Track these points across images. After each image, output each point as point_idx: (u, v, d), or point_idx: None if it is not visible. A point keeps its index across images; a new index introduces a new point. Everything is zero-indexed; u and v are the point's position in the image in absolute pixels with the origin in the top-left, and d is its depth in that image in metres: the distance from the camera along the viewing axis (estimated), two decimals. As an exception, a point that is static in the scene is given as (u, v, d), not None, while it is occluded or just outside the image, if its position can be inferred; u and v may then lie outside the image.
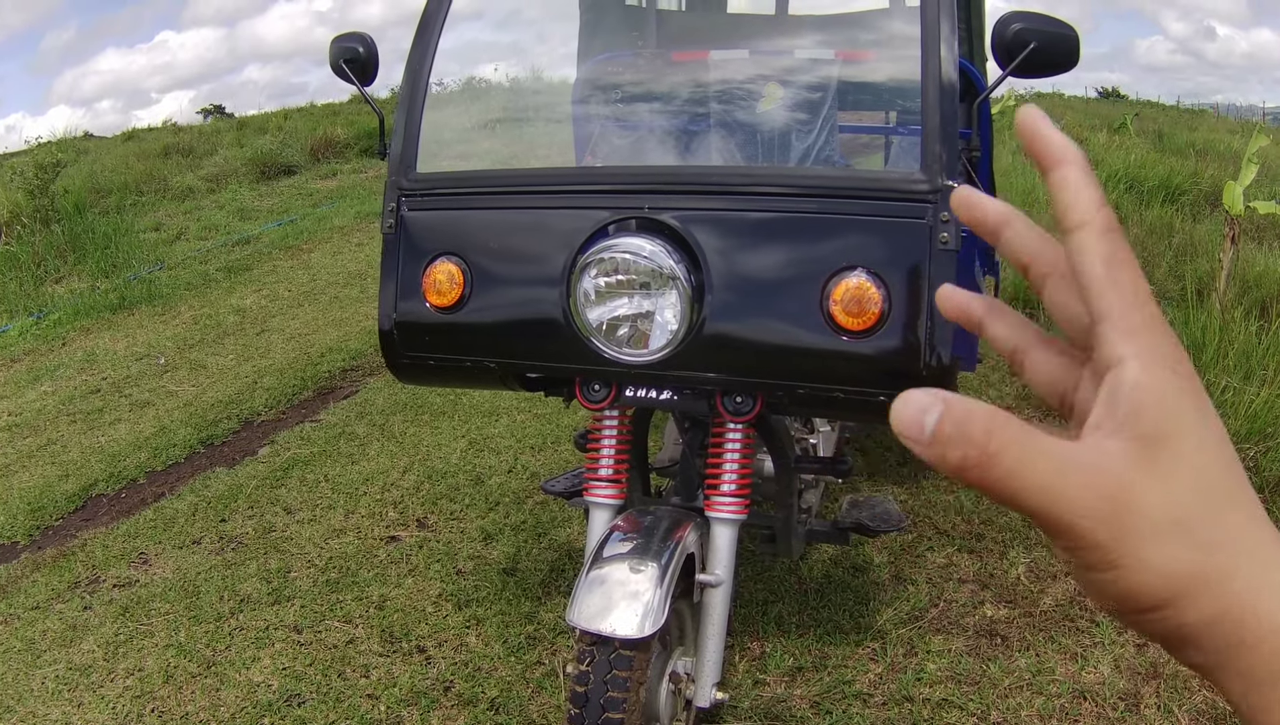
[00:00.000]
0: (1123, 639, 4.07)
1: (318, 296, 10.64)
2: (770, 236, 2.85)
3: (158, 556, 5.30)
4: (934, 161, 2.70)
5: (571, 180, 3.24)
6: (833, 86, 3.86)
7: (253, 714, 3.93)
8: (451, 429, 6.65)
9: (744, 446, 3.23)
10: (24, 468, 6.83)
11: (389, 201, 3.27)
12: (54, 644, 4.56)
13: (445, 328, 3.18)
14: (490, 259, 3.14)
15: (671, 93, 4.07)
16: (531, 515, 5.30)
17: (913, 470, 5.59)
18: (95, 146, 23.05)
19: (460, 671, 4.07)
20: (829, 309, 2.74)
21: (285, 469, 6.23)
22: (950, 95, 2.74)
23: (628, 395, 3.21)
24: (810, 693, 3.84)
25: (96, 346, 9.57)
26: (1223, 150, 17.39)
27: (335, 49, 3.43)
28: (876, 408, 2.85)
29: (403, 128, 3.30)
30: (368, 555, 5.05)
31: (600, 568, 2.90)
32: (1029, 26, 2.77)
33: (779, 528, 3.70)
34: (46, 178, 12.51)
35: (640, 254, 2.81)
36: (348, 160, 19.98)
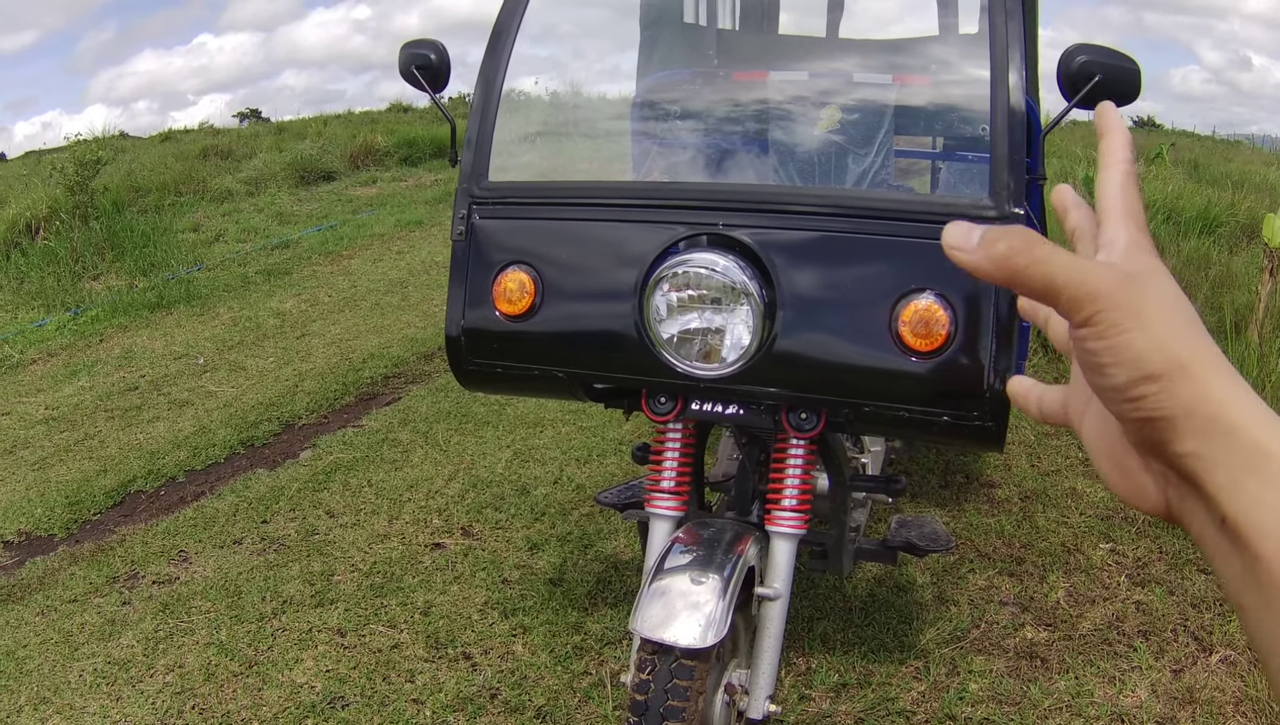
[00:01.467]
0: (1160, 664, 4.08)
1: (358, 303, 10.65)
2: (840, 257, 2.88)
3: (198, 555, 5.33)
4: (1002, 189, 2.72)
5: (643, 194, 3.26)
6: (890, 111, 3.88)
7: (295, 714, 3.96)
8: (496, 438, 6.66)
9: (805, 463, 3.24)
10: (61, 461, 6.86)
11: (459, 209, 3.28)
12: (92, 637, 4.59)
13: (514, 336, 3.20)
14: (561, 269, 3.17)
15: (731, 112, 4.09)
16: (578, 527, 5.32)
17: (955, 493, 5.60)
18: (132, 146, 23.04)
19: (507, 679, 4.09)
20: (898, 329, 2.76)
21: (327, 473, 6.25)
22: (1019, 123, 2.76)
23: (694, 408, 3.23)
24: (854, 709, 3.86)
25: (134, 344, 9.60)
26: (1259, 182, 17.28)
27: (406, 55, 3.45)
28: (940, 427, 2.87)
29: (475, 136, 3.31)
30: (412, 561, 5.07)
31: (663, 578, 2.91)
32: (1094, 59, 2.79)
33: (831, 545, 3.71)
34: (87, 174, 12.53)
35: (714, 269, 2.84)
36: (387, 168, 19.96)
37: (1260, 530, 0.63)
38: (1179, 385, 0.65)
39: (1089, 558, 4.89)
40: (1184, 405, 0.65)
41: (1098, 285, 0.66)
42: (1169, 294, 0.69)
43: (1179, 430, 0.66)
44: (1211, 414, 0.65)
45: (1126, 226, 0.74)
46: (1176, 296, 0.69)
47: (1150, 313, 0.66)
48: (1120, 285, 0.66)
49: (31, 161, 21.11)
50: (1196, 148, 25.99)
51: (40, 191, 12.98)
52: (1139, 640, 4.24)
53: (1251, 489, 0.63)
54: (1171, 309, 0.68)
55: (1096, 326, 0.66)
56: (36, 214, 12.53)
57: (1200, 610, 4.45)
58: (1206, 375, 0.65)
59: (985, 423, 2.79)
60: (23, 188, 14.68)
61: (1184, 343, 0.66)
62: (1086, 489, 5.64)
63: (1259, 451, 0.63)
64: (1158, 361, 0.65)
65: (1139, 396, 0.66)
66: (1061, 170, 14.97)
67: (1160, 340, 0.65)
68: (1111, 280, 0.66)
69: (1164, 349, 0.65)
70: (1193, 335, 0.67)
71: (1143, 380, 0.65)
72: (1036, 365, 7.80)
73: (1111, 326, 0.66)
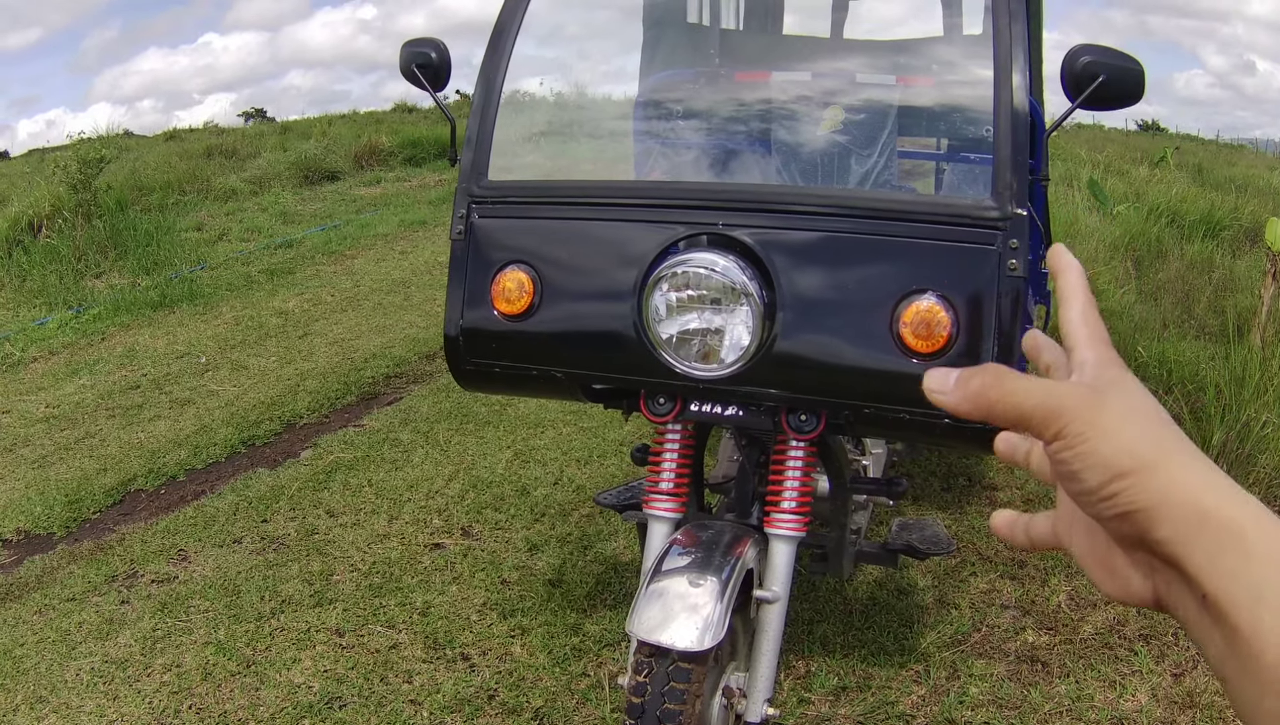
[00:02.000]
0: (1160, 669, 4.08)
1: (361, 302, 10.65)
2: (841, 257, 2.86)
3: (197, 554, 5.32)
4: (1005, 190, 2.71)
5: (644, 194, 3.24)
6: (894, 111, 3.87)
7: (293, 715, 3.95)
8: (497, 439, 6.65)
9: (805, 465, 3.23)
10: (61, 460, 6.85)
11: (459, 208, 3.27)
12: (90, 636, 4.58)
13: (513, 336, 3.18)
14: (561, 268, 3.15)
15: (735, 112, 4.08)
16: (577, 528, 5.31)
17: (957, 496, 5.59)
18: (136, 144, 23.08)
19: (505, 680, 4.08)
20: (899, 331, 2.75)
21: (328, 472, 6.24)
22: (1022, 124, 2.75)
23: (693, 410, 3.21)
24: (854, 713, 3.85)
25: (136, 343, 9.60)
26: (1262, 186, 17.31)
27: (406, 54, 3.44)
28: (941, 430, 2.86)
29: (475, 135, 3.30)
30: (411, 561, 5.06)
31: (661, 580, 2.90)
32: (1098, 60, 2.78)
33: (831, 547, 3.70)
34: (90, 172, 12.52)
35: (714, 269, 2.83)
36: (391, 168, 19.99)
37: (1237, 603, 0.67)
38: (1149, 478, 0.70)
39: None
40: (1156, 495, 0.70)
41: (1062, 402, 0.73)
42: (1135, 398, 0.76)
43: (1154, 519, 0.70)
44: (1184, 500, 0.69)
45: (1094, 347, 0.82)
46: (1143, 400, 0.76)
47: (1116, 418, 0.73)
48: (1084, 398, 0.74)
49: (35, 159, 21.11)
50: (1200, 152, 26.01)
51: (43, 189, 12.96)
52: (1140, 644, 4.23)
53: (1227, 565, 0.68)
54: (1138, 412, 0.74)
55: (1065, 438, 0.73)
56: (39, 212, 12.52)
57: (1202, 615, 4.43)
58: (1175, 466, 0.71)
59: (986, 425, 2.76)
60: (26, 186, 14.70)
61: (1151, 441, 0.72)
62: (1089, 493, 5.62)
63: (1232, 530, 0.68)
64: (1126, 460, 0.71)
65: (1112, 493, 0.71)
66: (1066, 173, 14.99)
67: (1127, 441, 0.71)
68: (1076, 395, 0.74)
69: (1131, 448, 0.71)
70: (1160, 433, 0.73)
71: (1114, 478, 0.71)
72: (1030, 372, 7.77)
73: (1078, 436, 0.72)
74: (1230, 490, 0.70)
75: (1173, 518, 0.69)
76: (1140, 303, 8.96)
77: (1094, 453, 0.71)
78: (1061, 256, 0.89)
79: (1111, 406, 0.74)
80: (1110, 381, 0.78)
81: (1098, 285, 8.79)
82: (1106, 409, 0.73)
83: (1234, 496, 0.70)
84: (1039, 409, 0.74)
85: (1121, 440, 0.71)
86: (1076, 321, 0.84)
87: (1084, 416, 0.72)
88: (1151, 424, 0.73)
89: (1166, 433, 0.73)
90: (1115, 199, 13.41)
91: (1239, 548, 0.67)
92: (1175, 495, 0.69)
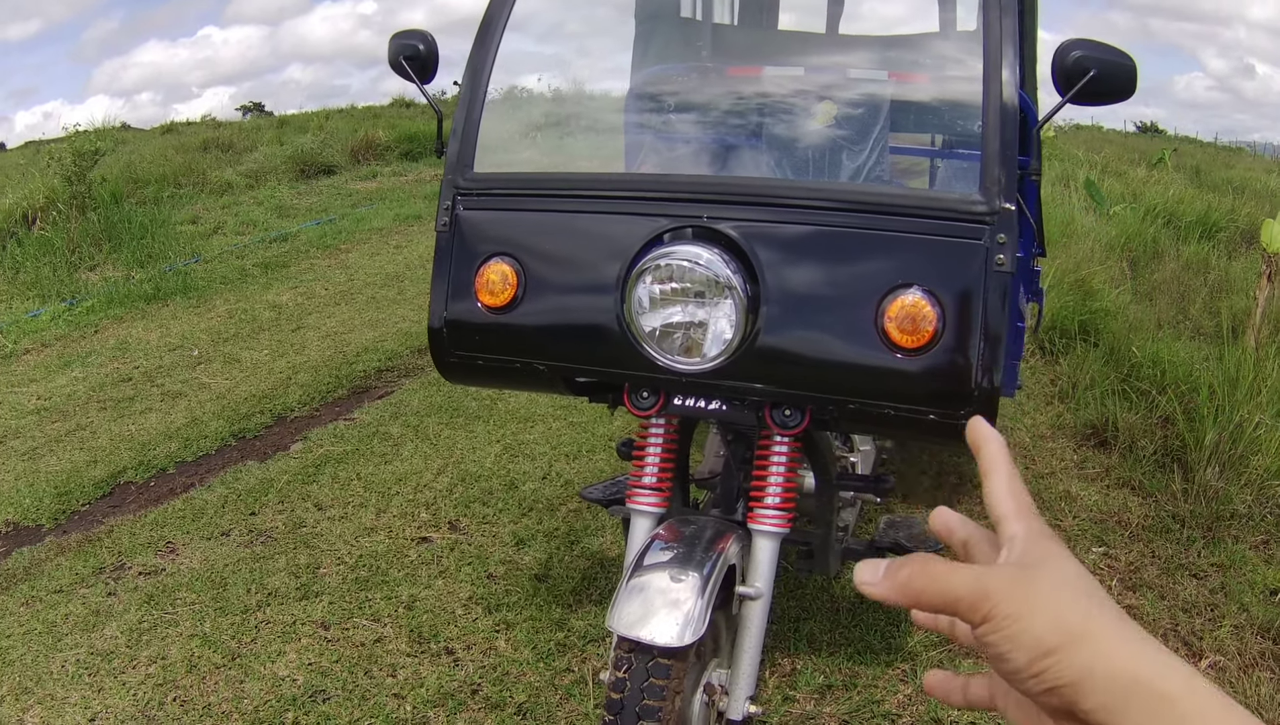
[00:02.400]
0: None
1: (354, 296, 10.65)
2: (827, 251, 2.84)
3: (185, 546, 5.30)
4: (993, 184, 2.69)
5: (629, 186, 3.22)
6: (886, 107, 3.85)
7: (276, 707, 3.93)
8: (486, 433, 6.64)
9: (789, 460, 3.21)
10: (52, 452, 6.83)
11: (444, 200, 3.26)
12: (76, 628, 4.56)
13: (496, 328, 3.17)
14: (544, 261, 3.14)
15: (726, 107, 4.06)
16: (565, 523, 5.29)
17: (947, 494, 5.58)
18: (133, 137, 23.12)
19: (488, 675, 4.07)
20: (884, 326, 2.73)
21: (317, 466, 6.23)
22: (1011, 120, 2.73)
23: (676, 404, 3.20)
24: (840, 711, 3.83)
25: (129, 335, 9.59)
26: (1259, 188, 17.33)
27: (395, 46, 3.42)
28: (926, 426, 2.84)
29: (461, 127, 3.29)
30: (398, 555, 5.05)
31: (641, 575, 2.88)
32: (1089, 54, 2.75)
33: (817, 544, 3.68)
34: (85, 165, 12.52)
35: (697, 262, 2.81)
36: (388, 163, 20.01)
37: None
38: (1075, 653, 0.72)
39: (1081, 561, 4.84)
40: (1083, 669, 0.72)
41: (988, 586, 0.76)
42: (1064, 573, 0.78)
43: (1082, 691, 0.73)
44: (1112, 671, 0.72)
45: (1022, 520, 0.83)
46: (1074, 573, 0.78)
47: (1042, 597, 0.75)
48: (1010, 581, 0.76)
49: (30, 152, 21.15)
50: (1199, 154, 26.06)
51: (38, 182, 12.97)
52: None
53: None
54: (1066, 587, 0.77)
55: (992, 621, 0.75)
56: (34, 204, 12.52)
57: (1191, 615, 4.43)
58: (1102, 638, 0.73)
59: None
60: (20, 178, 14.68)
61: (1077, 615, 0.74)
62: (1081, 492, 5.62)
63: (1163, 695, 0.71)
64: (1053, 637, 0.73)
65: (1040, 670, 0.74)
66: (1064, 173, 15.01)
67: (1054, 618, 0.74)
68: (1001, 579, 0.77)
69: (1058, 625, 0.73)
70: (1086, 606, 0.75)
71: (1041, 656, 0.73)
72: (1034, 367, 7.79)
73: (1005, 618, 0.75)
74: (1160, 656, 0.73)
75: (1100, 689, 0.72)
76: (1135, 303, 8.96)
77: (1024, 632, 0.74)
78: (980, 429, 0.91)
79: (1038, 586, 0.76)
80: (1039, 558, 0.80)
81: (1093, 285, 8.78)
82: (1033, 588, 0.76)
83: (1164, 662, 0.72)
84: (967, 595, 0.76)
85: (1048, 618, 0.74)
86: (1002, 494, 0.86)
87: (1013, 596, 0.75)
88: (1079, 598, 0.76)
89: (1093, 605, 0.75)
90: (1112, 199, 13.42)
91: (1171, 713, 0.70)
92: (1102, 666, 0.72)
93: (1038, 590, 0.75)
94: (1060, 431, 6.55)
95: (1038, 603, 0.74)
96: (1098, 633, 0.73)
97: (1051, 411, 6.90)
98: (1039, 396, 7.19)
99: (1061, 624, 0.73)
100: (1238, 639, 4.24)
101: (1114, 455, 6.07)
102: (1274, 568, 4.78)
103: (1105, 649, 0.72)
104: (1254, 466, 5.41)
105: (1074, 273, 9.04)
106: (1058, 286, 8.63)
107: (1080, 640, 0.72)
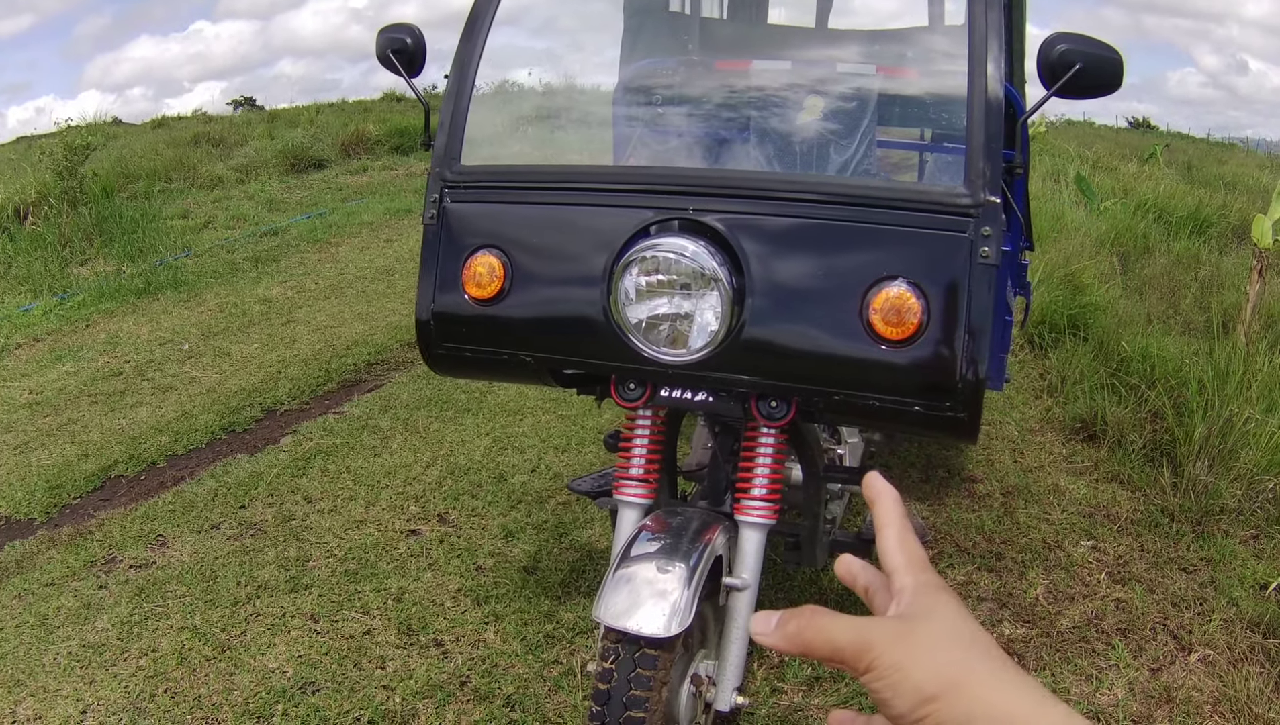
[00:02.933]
0: (1138, 663, 4.08)
1: (344, 290, 10.66)
2: (812, 243, 2.85)
3: (175, 539, 5.30)
4: (978, 177, 2.70)
5: (615, 179, 3.23)
6: (873, 101, 3.86)
7: (266, 699, 3.93)
8: (476, 426, 6.65)
9: (776, 452, 3.22)
10: (43, 446, 6.83)
11: (431, 192, 3.27)
12: (67, 621, 4.57)
13: (483, 320, 3.18)
14: (531, 253, 3.15)
15: (714, 101, 4.07)
16: (554, 515, 5.30)
17: (935, 487, 5.59)
18: (124, 132, 23.05)
19: (477, 667, 4.07)
20: (869, 317, 2.74)
21: (307, 459, 6.24)
22: (995, 113, 2.73)
23: (663, 395, 3.21)
24: (827, 703, 3.84)
25: (120, 330, 9.58)
26: (1251, 184, 17.33)
27: (383, 39, 3.43)
28: (911, 417, 2.85)
29: (449, 120, 3.30)
30: (387, 548, 5.05)
31: (628, 566, 2.89)
32: (1074, 48, 2.76)
33: (804, 536, 3.69)
34: (76, 160, 12.51)
35: (683, 254, 2.82)
36: (378, 157, 20.00)
37: None
38: (955, 701, 0.77)
39: (1069, 555, 4.88)
40: (964, 715, 0.77)
41: (870, 637, 0.82)
42: (947, 624, 0.83)
43: None
44: (991, 715, 0.76)
45: (912, 572, 0.89)
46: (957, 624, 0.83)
47: (923, 647, 0.80)
48: (893, 632, 0.82)
49: (22, 147, 21.11)
50: (1191, 150, 26.08)
51: (29, 176, 12.97)
52: (1117, 638, 4.23)
53: None
54: (947, 637, 0.82)
55: (875, 670, 0.80)
56: (25, 199, 12.52)
57: (1180, 609, 4.44)
58: (982, 683, 0.78)
59: (958, 414, 2.76)
60: (12, 173, 14.68)
61: (958, 663, 0.79)
62: (1069, 486, 5.63)
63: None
64: (933, 685, 0.78)
65: (922, 717, 0.78)
66: (1054, 168, 15.01)
67: (933, 668, 0.79)
68: (884, 630, 0.82)
69: (938, 674, 0.78)
70: (966, 656, 0.80)
71: (922, 704, 0.78)
72: (1022, 361, 7.80)
73: (888, 668, 0.80)
74: (1039, 696, 0.77)
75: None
76: (1125, 297, 8.97)
77: (905, 680, 0.79)
78: (875, 484, 0.96)
79: (919, 636, 0.81)
80: (925, 609, 0.85)
81: (1083, 280, 8.79)
82: (914, 639, 0.81)
83: (1043, 702, 0.77)
84: (849, 646, 0.82)
85: (928, 667, 0.79)
86: (893, 548, 0.91)
87: (895, 646, 0.81)
88: (959, 647, 0.81)
89: (974, 654, 0.80)
90: (1103, 194, 13.43)
91: None
92: (981, 711, 0.76)
93: (919, 641, 0.81)
94: (1049, 425, 6.57)
95: (919, 653, 0.80)
96: (976, 680, 0.78)
97: (1040, 405, 6.92)
98: (1028, 390, 7.21)
99: (941, 673, 0.78)
100: (1227, 633, 4.25)
101: (1103, 449, 6.09)
102: (1263, 562, 4.79)
103: (983, 694, 0.77)
104: (1243, 461, 5.42)
105: (1064, 267, 9.05)
106: (1047, 281, 8.65)
107: (959, 688, 0.77)
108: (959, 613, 0.85)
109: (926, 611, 0.84)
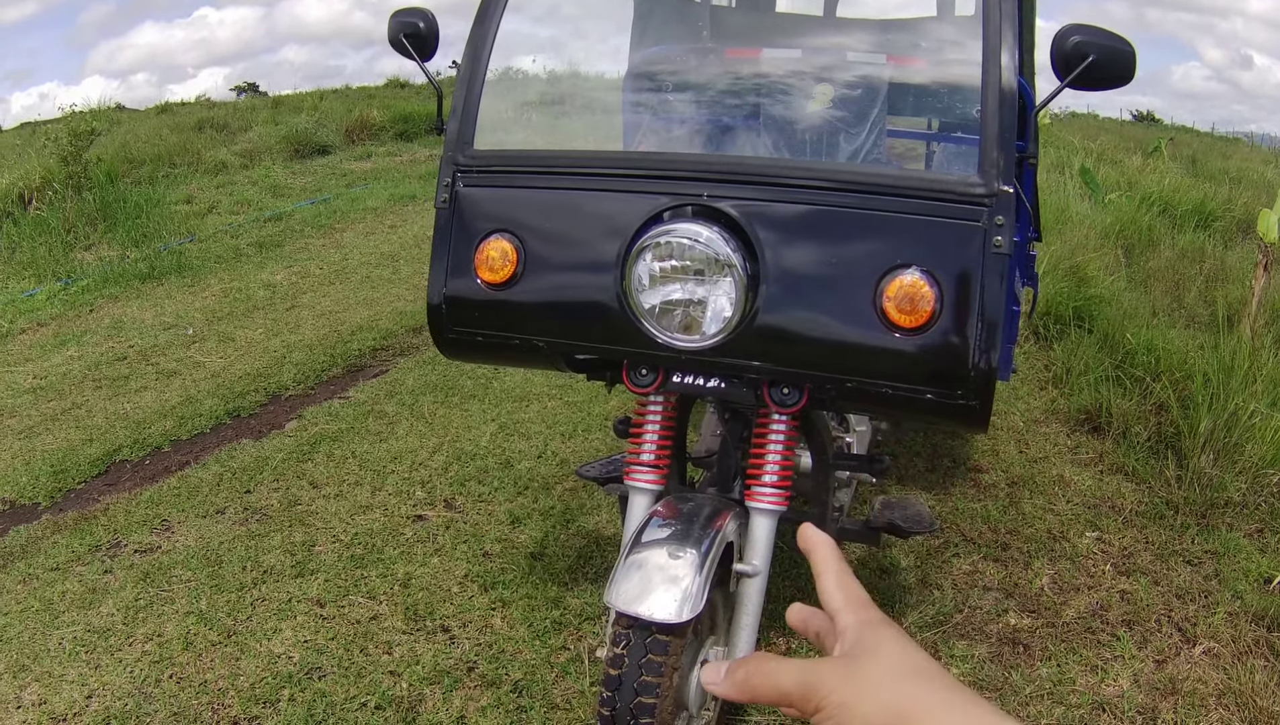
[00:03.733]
0: (1143, 654, 4.08)
1: (349, 276, 10.66)
2: (826, 231, 2.85)
3: (180, 524, 5.30)
4: (991, 166, 2.70)
5: (629, 164, 3.22)
6: (883, 90, 3.86)
7: (272, 684, 3.93)
8: (482, 412, 6.65)
9: (787, 438, 3.22)
10: (48, 430, 6.83)
11: (444, 176, 3.26)
12: (73, 605, 4.57)
13: (496, 304, 3.17)
14: (544, 238, 3.14)
15: (724, 88, 4.06)
16: (560, 501, 5.30)
17: (941, 477, 5.59)
18: (128, 118, 23.04)
19: (484, 653, 4.08)
20: (882, 305, 2.74)
21: (312, 444, 6.24)
22: (1010, 103, 2.73)
23: (675, 381, 3.20)
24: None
25: (124, 315, 9.58)
26: (1256, 179, 17.31)
27: (395, 23, 3.42)
28: (922, 405, 2.85)
29: (461, 105, 3.29)
30: (393, 533, 5.05)
31: (640, 552, 2.89)
32: (1088, 40, 2.76)
33: (813, 523, 3.69)
34: (80, 145, 12.52)
35: (697, 240, 2.81)
36: (383, 143, 20.01)
37: None
38: None
39: (1074, 545, 4.88)
40: None
41: (816, 678, 0.85)
42: (890, 658, 0.86)
43: None
44: None
45: (853, 611, 0.92)
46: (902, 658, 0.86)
47: (869, 683, 0.83)
48: (837, 671, 0.85)
49: (26, 132, 21.09)
50: (1195, 143, 26.06)
51: (34, 162, 12.98)
52: (1122, 629, 4.23)
53: None
54: (892, 671, 0.84)
55: (824, 710, 0.84)
56: (30, 184, 12.52)
57: (1185, 601, 4.44)
58: (929, 712, 0.80)
59: (970, 402, 2.76)
60: (16, 158, 14.68)
61: (906, 695, 0.82)
62: (1074, 477, 5.63)
63: None
64: (881, 718, 0.81)
65: None
66: (1059, 160, 14.99)
67: (880, 702, 0.81)
68: (829, 670, 0.86)
69: (886, 706, 0.81)
70: (912, 688, 0.83)
71: None
72: (1028, 352, 7.79)
73: (837, 706, 0.83)
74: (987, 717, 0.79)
75: None
76: (1130, 290, 8.96)
77: (853, 718, 0.82)
78: (808, 535, 1.01)
79: (864, 673, 0.84)
80: (869, 646, 0.88)
81: (1087, 272, 8.78)
82: (859, 676, 0.84)
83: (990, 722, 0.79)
84: (795, 688, 0.86)
85: (876, 701, 0.82)
86: (833, 590, 0.95)
87: (842, 687, 0.83)
88: (905, 680, 0.83)
89: (920, 684, 0.83)
90: (1107, 187, 13.42)
91: None
92: None
93: (864, 678, 0.84)
94: (1054, 416, 6.56)
95: (865, 689, 0.82)
96: (923, 710, 0.80)
97: (1045, 396, 6.91)
98: (1033, 381, 7.20)
99: (888, 706, 0.81)
100: (1231, 626, 4.25)
101: (1107, 441, 6.08)
102: (1268, 556, 4.79)
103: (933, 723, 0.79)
104: (1249, 454, 5.42)
105: (1069, 259, 9.04)
106: (1052, 272, 8.65)
107: (908, 719, 0.80)
108: (903, 645, 0.87)
109: (871, 648, 0.87)
